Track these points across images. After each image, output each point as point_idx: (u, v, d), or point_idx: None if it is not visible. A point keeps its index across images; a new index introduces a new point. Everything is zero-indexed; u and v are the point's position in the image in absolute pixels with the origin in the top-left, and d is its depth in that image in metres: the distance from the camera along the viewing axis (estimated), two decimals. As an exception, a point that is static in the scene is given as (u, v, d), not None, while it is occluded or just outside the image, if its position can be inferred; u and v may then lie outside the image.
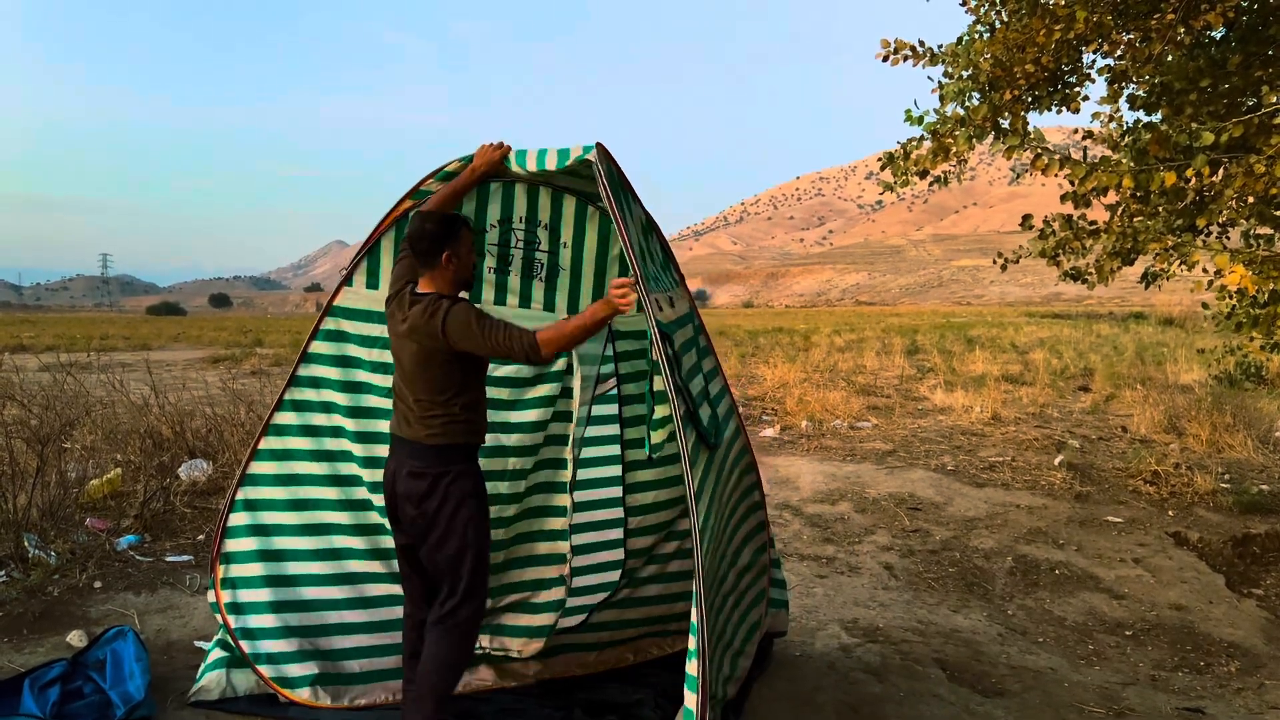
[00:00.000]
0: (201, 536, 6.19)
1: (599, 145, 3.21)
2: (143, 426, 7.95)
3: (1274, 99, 4.65)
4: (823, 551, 6.66)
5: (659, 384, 3.37)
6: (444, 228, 3.30)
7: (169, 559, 5.71)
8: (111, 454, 7.65)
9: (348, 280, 3.85)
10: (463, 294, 3.45)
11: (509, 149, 3.49)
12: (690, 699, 2.94)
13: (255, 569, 3.94)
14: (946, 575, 6.20)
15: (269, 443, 3.93)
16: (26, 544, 5.51)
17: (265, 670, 3.84)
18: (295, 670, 3.85)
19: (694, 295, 4.00)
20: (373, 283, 3.87)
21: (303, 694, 3.83)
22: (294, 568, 3.97)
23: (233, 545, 3.94)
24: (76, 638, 4.45)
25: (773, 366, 18.64)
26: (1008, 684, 4.51)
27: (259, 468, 3.93)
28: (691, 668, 2.93)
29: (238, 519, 3.95)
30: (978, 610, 5.58)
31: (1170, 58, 5.60)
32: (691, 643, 2.94)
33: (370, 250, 3.84)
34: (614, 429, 4.36)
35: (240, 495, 3.95)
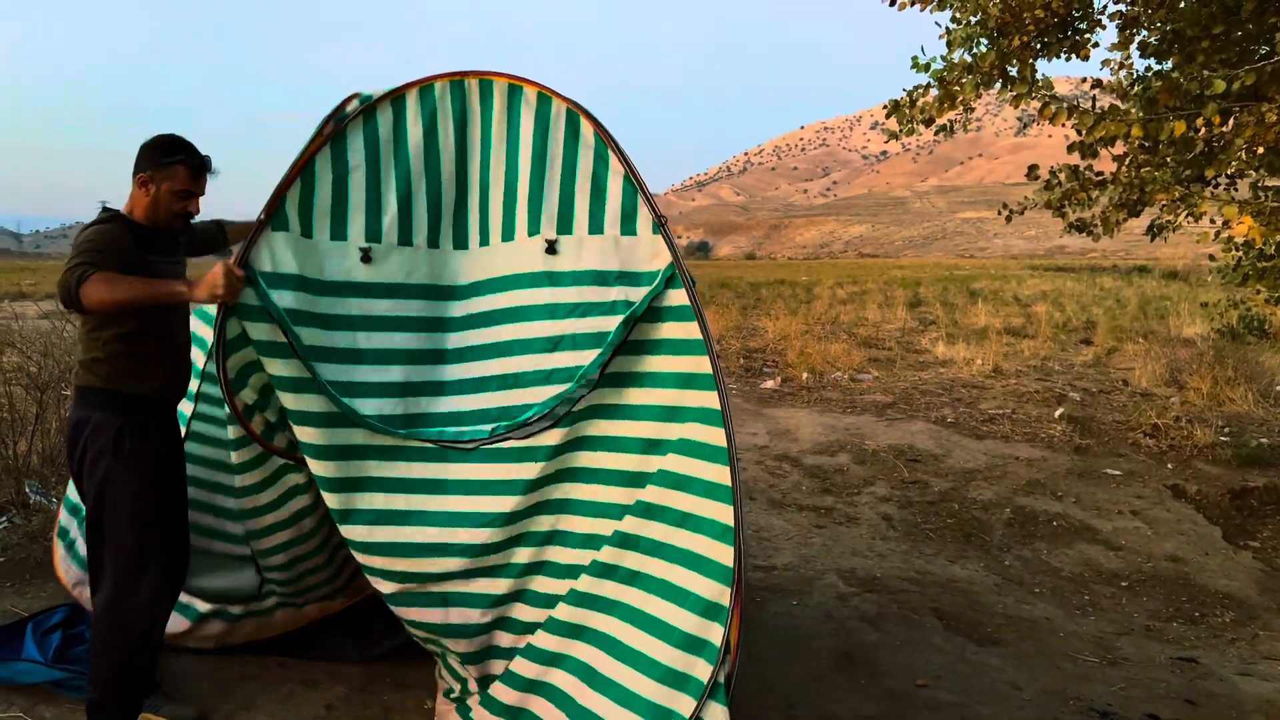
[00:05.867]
0: (202, 484, 6.20)
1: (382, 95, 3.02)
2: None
3: (1287, 46, 4.56)
4: (821, 502, 6.69)
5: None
6: (160, 149, 3.01)
7: (170, 506, 5.73)
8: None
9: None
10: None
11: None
12: None
13: None
14: (944, 526, 6.22)
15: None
16: (28, 490, 5.52)
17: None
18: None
19: (698, 246, 3.62)
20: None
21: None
22: None
23: None
24: (79, 583, 4.48)
25: (774, 318, 18.58)
26: (1003, 633, 4.55)
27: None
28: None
29: None
30: (975, 561, 5.62)
31: (1183, 3, 5.50)
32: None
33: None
34: None
35: None
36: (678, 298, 2.81)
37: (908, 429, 8.95)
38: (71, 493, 4.08)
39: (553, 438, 2.93)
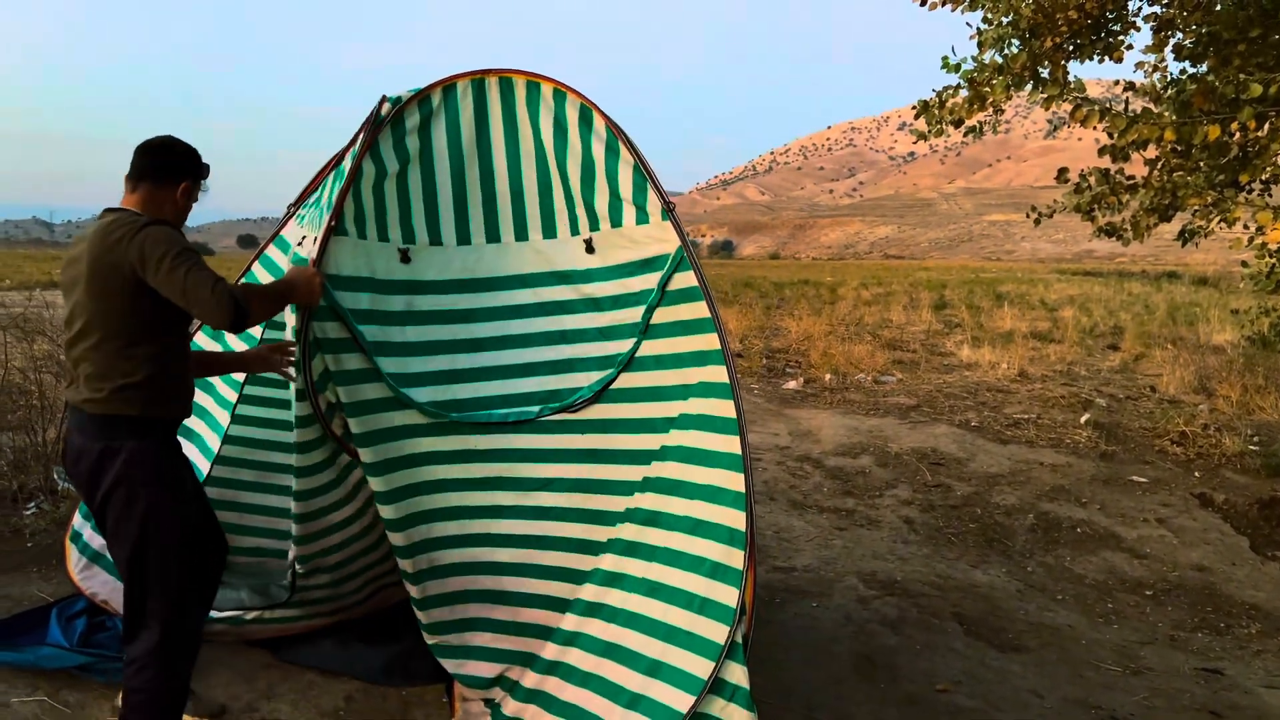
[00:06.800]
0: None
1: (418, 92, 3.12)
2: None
3: (1326, 50, 4.49)
4: (843, 504, 6.66)
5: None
6: (196, 157, 2.89)
7: (195, 495, 5.79)
8: (139, 391, 7.73)
9: None
10: None
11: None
12: None
13: None
14: (967, 531, 6.18)
15: None
16: (56, 477, 5.60)
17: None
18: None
19: (722, 245, 3.76)
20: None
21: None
22: None
23: None
24: (104, 569, 4.53)
25: (798, 319, 18.53)
26: (1025, 640, 4.51)
27: None
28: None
29: None
30: (997, 566, 5.57)
31: (1219, 6, 5.42)
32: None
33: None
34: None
35: None
36: (687, 280, 3.01)
37: (931, 432, 8.89)
38: None
39: (593, 413, 3.17)
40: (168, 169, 2.83)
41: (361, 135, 3.04)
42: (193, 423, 4.13)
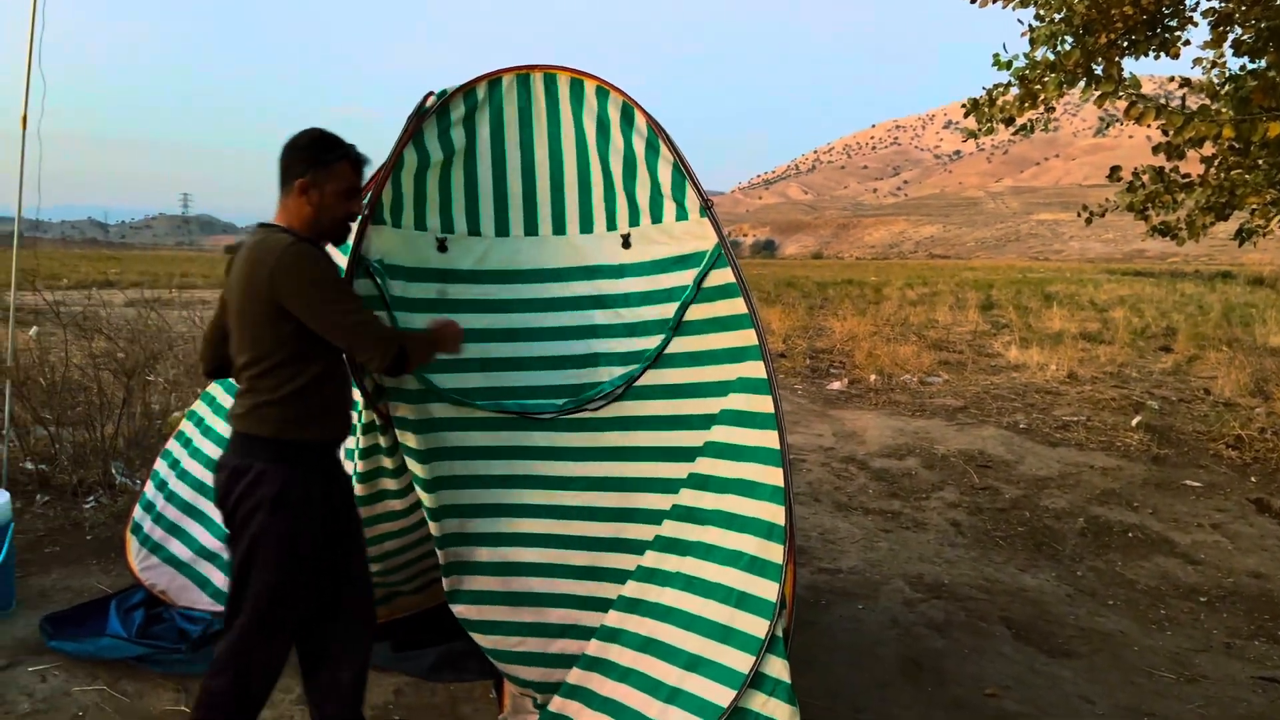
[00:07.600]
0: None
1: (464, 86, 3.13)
2: (222, 362, 8.15)
3: (1393, 45, 4.37)
4: (889, 506, 6.61)
5: None
6: (315, 147, 2.64)
7: (247, 490, 5.90)
8: (192, 387, 7.87)
9: None
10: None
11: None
12: None
13: None
14: (1015, 534, 6.10)
15: None
16: (114, 471, 5.74)
17: None
18: None
19: (764, 245, 3.74)
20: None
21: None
22: None
23: None
24: (161, 562, 4.63)
25: (842, 319, 18.41)
26: (1075, 645, 4.45)
27: None
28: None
29: None
30: (1046, 570, 5.50)
31: (1280, 0, 5.29)
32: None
33: None
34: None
35: None
36: (724, 276, 2.98)
37: (978, 434, 8.79)
38: (148, 490, 4.23)
39: (619, 410, 3.15)
40: (284, 172, 2.65)
41: (404, 126, 3.07)
42: None
